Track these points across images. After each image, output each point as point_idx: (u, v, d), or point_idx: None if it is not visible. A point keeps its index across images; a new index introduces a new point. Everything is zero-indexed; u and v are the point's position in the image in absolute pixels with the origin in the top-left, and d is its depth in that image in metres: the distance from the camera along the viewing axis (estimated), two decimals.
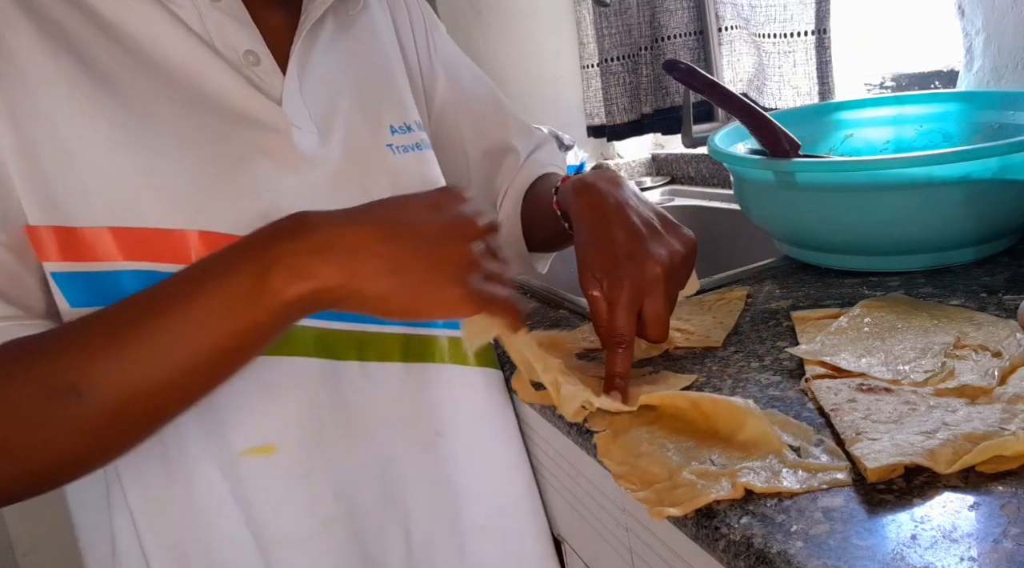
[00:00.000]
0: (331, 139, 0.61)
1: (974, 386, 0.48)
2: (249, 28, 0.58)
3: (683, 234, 0.58)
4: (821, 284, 0.74)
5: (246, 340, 0.45)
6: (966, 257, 0.71)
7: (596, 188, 0.61)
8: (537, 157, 0.82)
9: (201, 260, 0.47)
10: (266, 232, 0.46)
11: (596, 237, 0.57)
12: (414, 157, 0.66)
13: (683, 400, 0.51)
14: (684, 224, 0.60)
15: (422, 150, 0.67)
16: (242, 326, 0.44)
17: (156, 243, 0.53)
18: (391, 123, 0.65)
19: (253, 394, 0.56)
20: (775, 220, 0.81)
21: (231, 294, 0.43)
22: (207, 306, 0.44)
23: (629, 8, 1.46)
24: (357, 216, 0.46)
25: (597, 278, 0.56)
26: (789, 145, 0.75)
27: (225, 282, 0.44)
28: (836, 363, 0.54)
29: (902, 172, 0.66)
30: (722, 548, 0.41)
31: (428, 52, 0.76)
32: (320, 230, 0.45)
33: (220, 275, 0.44)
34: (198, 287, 0.44)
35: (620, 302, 0.54)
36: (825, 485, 0.42)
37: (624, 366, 0.55)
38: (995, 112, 0.83)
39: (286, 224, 0.45)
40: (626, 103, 1.53)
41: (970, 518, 0.37)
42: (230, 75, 0.57)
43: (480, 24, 1.62)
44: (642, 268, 0.54)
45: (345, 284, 0.44)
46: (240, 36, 0.58)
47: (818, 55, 1.13)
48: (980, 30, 0.91)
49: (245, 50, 0.58)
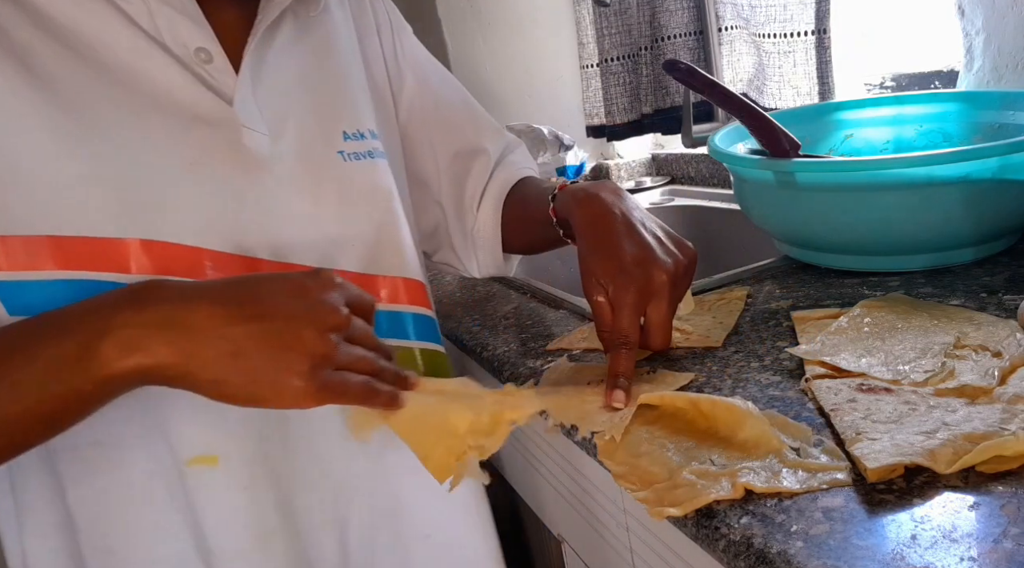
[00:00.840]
0: (282, 142, 0.59)
1: (974, 386, 0.48)
2: (201, 25, 0.57)
3: (685, 246, 0.59)
4: (821, 284, 0.74)
5: (68, 405, 0.43)
6: (966, 257, 0.71)
7: (600, 198, 0.61)
8: (512, 160, 0.82)
9: (52, 312, 0.45)
10: (113, 296, 0.44)
11: (602, 246, 0.58)
12: (365, 165, 0.64)
13: (683, 400, 0.52)
14: (684, 224, 0.60)
15: (374, 158, 0.65)
16: (64, 391, 0.42)
17: (95, 253, 0.52)
18: (344, 129, 0.64)
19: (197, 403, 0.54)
20: (775, 220, 0.81)
21: (60, 356, 0.42)
22: (37, 363, 0.42)
23: (629, 8, 1.46)
24: (212, 293, 0.45)
25: (602, 284, 0.56)
26: (789, 145, 0.75)
27: (59, 342, 0.42)
28: (836, 363, 0.54)
29: (902, 172, 0.66)
30: (722, 548, 0.41)
31: (395, 54, 0.75)
32: (167, 304, 0.43)
33: (58, 334, 0.43)
34: (37, 340, 0.43)
35: (626, 305, 0.55)
36: (825, 485, 0.42)
37: (627, 366, 0.55)
38: (995, 112, 0.83)
39: (137, 291, 0.44)
40: (626, 103, 1.53)
41: (970, 518, 0.37)
42: (180, 72, 0.55)
43: (480, 24, 1.62)
44: (649, 274, 0.55)
45: (179, 364, 0.43)
46: (192, 33, 0.56)
47: (818, 55, 1.13)
48: (980, 30, 0.91)
49: (196, 47, 0.56)
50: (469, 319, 0.87)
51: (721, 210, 1.25)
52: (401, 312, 0.65)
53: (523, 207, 0.77)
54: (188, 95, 0.56)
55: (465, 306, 0.92)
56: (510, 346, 0.75)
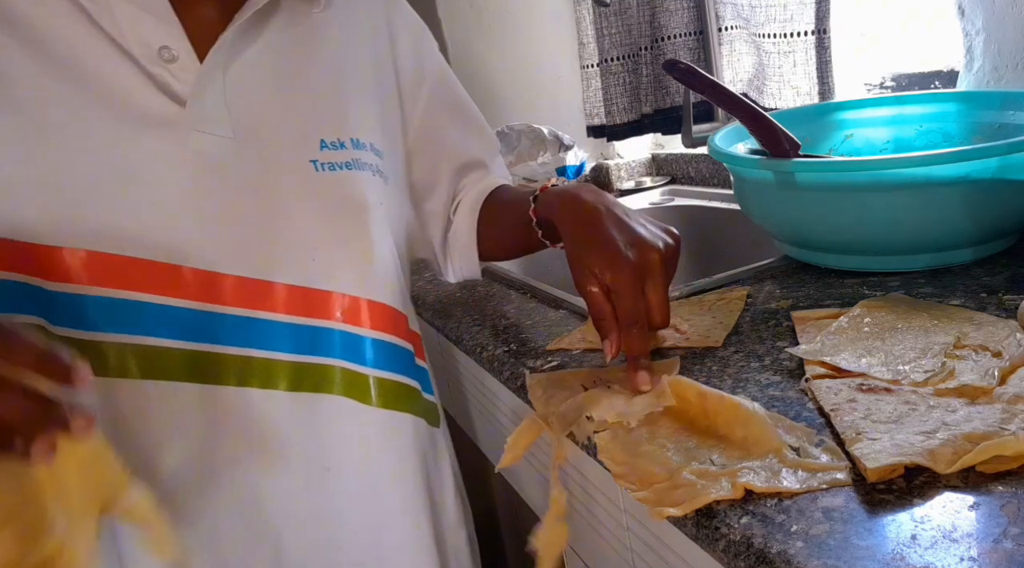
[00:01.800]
0: (249, 145, 0.57)
1: (974, 386, 0.48)
2: (167, 22, 0.55)
3: (670, 230, 0.60)
4: (821, 284, 0.74)
5: None
6: (966, 257, 0.71)
7: (582, 197, 0.62)
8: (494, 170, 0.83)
9: None
10: None
11: (592, 237, 0.58)
12: (340, 176, 0.61)
13: (694, 391, 0.52)
14: (684, 224, 0.61)
15: (351, 170, 0.62)
16: None
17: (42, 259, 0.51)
18: (323, 137, 0.61)
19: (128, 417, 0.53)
20: (775, 220, 0.81)
21: None
22: None
23: (629, 8, 1.46)
24: None
25: (595, 273, 0.57)
26: (789, 145, 0.75)
27: None
28: (836, 363, 0.54)
29: (902, 172, 0.66)
30: (722, 548, 0.41)
31: (413, 63, 0.73)
32: None
33: None
34: None
35: (627, 285, 0.56)
36: (825, 485, 0.42)
37: (643, 346, 0.56)
38: (995, 112, 0.83)
39: None
40: (626, 103, 1.53)
41: (970, 518, 0.37)
42: (134, 73, 0.54)
43: (480, 24, 1.62)
44: (643, 255, 0.56)
45: None
46: (155, 31, 0.54)
47: (818, 55, 1.13)
48: (980, 30, 0.91)
49: (160, 46, 0.54)
50: (469, 319, 0.87)
51: (721, 210, 1.25)
52: (359, 335, 0.62)
53: (499, 211, 0.77)
54: (140, 97, 0.54)
55: (465, 306, 0.92)
56: (510, 346, 0.75)
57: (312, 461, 0.60)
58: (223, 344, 0.56)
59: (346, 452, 0.61)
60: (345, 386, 0.61)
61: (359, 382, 0.62)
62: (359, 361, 0.62)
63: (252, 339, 0.57)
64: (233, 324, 0.56)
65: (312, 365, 0.59)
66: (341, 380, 0.61)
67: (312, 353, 0.59)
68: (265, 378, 0.57)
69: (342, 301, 0.60)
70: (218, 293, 0.55)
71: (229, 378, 0.56)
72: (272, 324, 0.57)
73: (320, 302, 0.59)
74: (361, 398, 0.62)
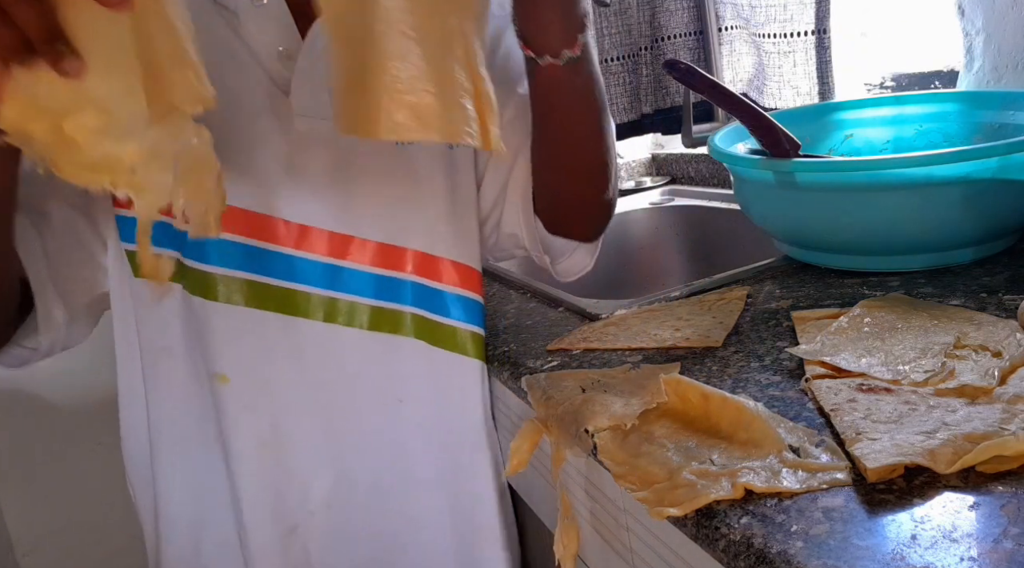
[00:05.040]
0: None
1: (974, 386, 0.48)
2: (285, 26, 0.65)
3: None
4: (821, 284, 0.74)
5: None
6: (966, 257, 0.71)
7: None
8: None
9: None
10: None
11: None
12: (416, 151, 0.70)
13: (695, 392, 0.52)
14: (684, 224, 0.62)
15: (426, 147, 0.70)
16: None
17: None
18: None
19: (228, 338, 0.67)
20: (775, 220, 0.81)
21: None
22: None
23: (629, 8, 1.46)
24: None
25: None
26: (789, 145, 0.75)
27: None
28: (836, 363, 0.54)
29: (902, 172, 0.66)
30: (722, 548, 0.41)
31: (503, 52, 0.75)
32: None
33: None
34: None
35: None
36: (825, 485, 0.42)
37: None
38: (995, 112, 0.83)
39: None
40: (626, 103, 1.52)
41: (970, 518, 0.37)
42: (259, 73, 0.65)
43: None
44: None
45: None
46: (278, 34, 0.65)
47: (818, 55, 1.13)
48: (980, 30, 0.91)
49: (281, 48, 0.65)
50: None
51: (721, 210, 1.25)
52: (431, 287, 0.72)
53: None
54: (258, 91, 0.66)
55: None
56: (510, 346, 0.75)
57: (386, 391, 0.71)
58: (312, 286, 0.68)
59: (417, 387, 0.72)
60: (416, 330, 0.71)
61: (430, 327, 0.72)
62: (430, 309, 0.72)
63: (338, 284, 0.68)
64: (323, 270, 0.68)
65: (389, 310, 0.70)
66: (412, 324, 0.71)
67: (389, 300, 0.70)
68: (349, 317, 0.69)
69: (415, 256, 0.71)
70: (311, 243, 0.67)
71: (317, 314, 0.68)
72: (355, 273, 0.69)
73: (396, 256, 0.70)
74: (429, 338, 0.72)
